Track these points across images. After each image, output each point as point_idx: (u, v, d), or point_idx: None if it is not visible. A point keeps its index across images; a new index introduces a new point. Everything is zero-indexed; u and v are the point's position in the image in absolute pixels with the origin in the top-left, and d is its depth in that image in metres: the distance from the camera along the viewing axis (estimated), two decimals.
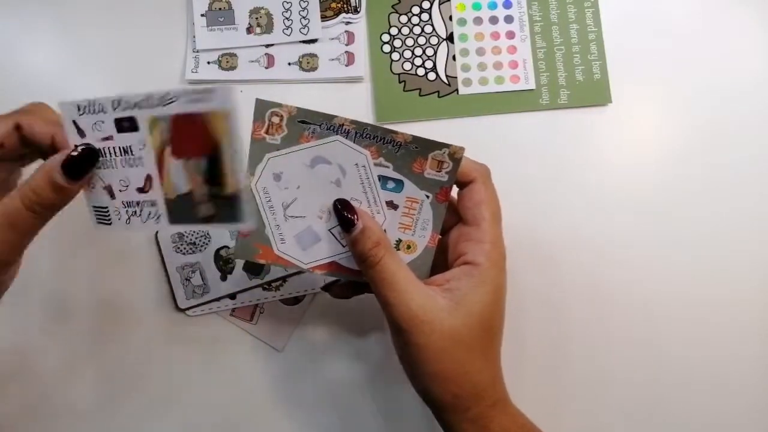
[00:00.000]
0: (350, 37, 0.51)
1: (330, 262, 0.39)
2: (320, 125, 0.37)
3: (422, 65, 0.51)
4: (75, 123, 0.34)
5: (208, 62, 0.50)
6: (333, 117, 0.36)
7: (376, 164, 0.37)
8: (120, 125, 0.34)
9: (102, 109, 0.34)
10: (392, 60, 0.51)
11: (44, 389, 0.47)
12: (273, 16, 0.51)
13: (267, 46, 0.50)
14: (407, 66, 0.51)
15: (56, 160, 0.33)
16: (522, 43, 0.51)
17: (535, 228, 0.49)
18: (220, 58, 0.50)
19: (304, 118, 0.37)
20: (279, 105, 0.36)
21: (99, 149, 0.34)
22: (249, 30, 0.50)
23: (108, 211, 0.36)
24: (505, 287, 0.38)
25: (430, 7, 0.51)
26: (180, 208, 0.34)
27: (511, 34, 0.51)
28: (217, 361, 0.47)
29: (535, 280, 0.48)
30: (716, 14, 0.52)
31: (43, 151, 0.36)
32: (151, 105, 0.32)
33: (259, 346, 0.48)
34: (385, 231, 0.38)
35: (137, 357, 0.47)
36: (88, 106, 0.34)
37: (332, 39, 0.51)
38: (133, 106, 0.33)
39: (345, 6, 0.51)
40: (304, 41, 0.51)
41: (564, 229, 0.49)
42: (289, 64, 0.50)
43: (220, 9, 0.50)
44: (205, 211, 0.33)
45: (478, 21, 0.51)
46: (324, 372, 0.48)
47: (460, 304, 0.36)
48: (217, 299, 0.47)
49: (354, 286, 0.42)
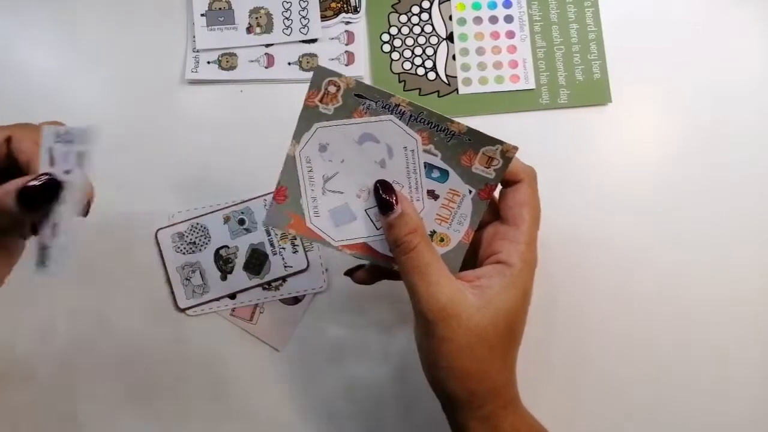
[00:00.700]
0: (350, 37, 0.51)
1: (361, 243, 0.38)
2: (376, 102, 0.36)
3: (422, 65, 0.51)
4: (50, 150, 0.33)
5: (208, 62, 0.50)
6: (390, 95, 0.35)
7: (425, 151, 0.36)
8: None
9: (71, 139, 0.33)
10: (392, 60, 0.51)
11: (42, 390, 0.47)
12: (273, 15, 0.51)
13: (267, 45, 0.50)
14: (407, 65, 0.51)
15: (13, 184, 0.31)
16: (522, 43, 0.51)
17: None
18: (220, 58, 0.50)
19: (361, 92, 0.36)
20: (338, 75, 0.35)
21: (61, 182, 0.32)
22: (249, 30, 0.50)
23: (46, 253, 0.33)
24: (532, 293, 0.38)
25: (430, 7, 0.51)
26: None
27: (510, 34, 0.51)
28: (217, 361, 0.47)
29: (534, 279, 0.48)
30: (716, 14, 0.52)
31: (22, 170, 0.34)
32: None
33: (258, 346, 0.48)
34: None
35: (137, 357, 0.47)
36: (64, 135, 0.33)
37: (332, 39, 0.51)
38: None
39: (345, 6, 0.51)
40: (304, 41, 0.51)
41: (564, 229, 0.49)
42: (289, 63, 0.50)
43: (220, 9, 0.50)
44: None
45: (477, 20, 0.51)
46: (323, 372, 0.48)
47: (490, 302, 0.35)
48: (217, 299, 0.47)
49: (378, 272, 0.41)
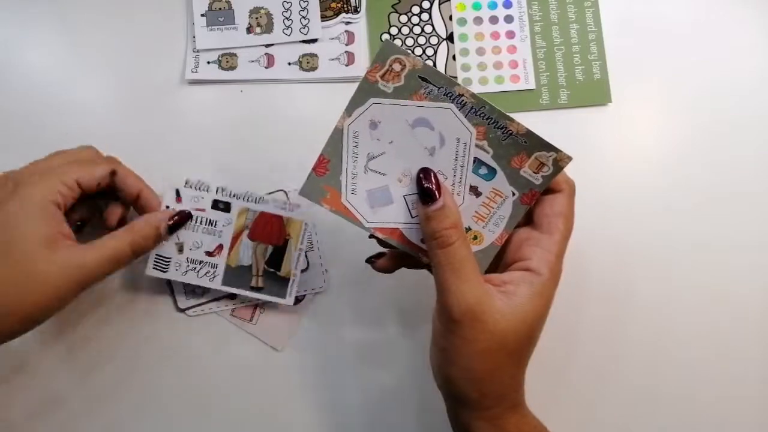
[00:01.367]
0: (350, 37, 0.51)
1: (394, 229, 0.37)
2: (439, 88, 0.35)
3: None
4: (177, 190, 0.44)
5: (208, 62, 0.50)
6: (455, 84, 0.35)
7: (477, 146, 0.36)
8: (216, 204, 0.45)
9: (206, 189, 0.45)
10: None
11: (41, 390, 0.46)
12: (273, 16, 0.51)
13: (267, 45, 0.50)
14: None
15: (163, 217, 0.43)
16: (522, 43, 0.51)
17: None
18: (220, 58, 0.50)
19: (426, 75, 0.35)
20: (406, 53, 0.35)
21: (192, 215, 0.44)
22: (249, 30, 0.50)
23: (169, 261, 0.44)
24: (552, 301, 0.37)
25: (430, 7, 0.51)
26: (235, 275, 0.45)
27: (511, 34, 0.51)
28: (217, 362, 0.47)
29: None
30: (716, 14, 0.52)
31: (125, 200, 0.43)
32: (247, 200, 0.45)
33: (258, 347, 0.47)
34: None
35: (136, 356, 0.47)
36: (196, 184, 0.45)
37: (332, 39, 0.51)
38: (232, 196, 0.45)
39: (345, 6, 0.51)
40: (304, 41, 0.50)
41: None
42: (289, 63, 0.50)
43: (220, 9, 0.50)
44: (256, 283, 0.45)
45: (478, 21, 0.51)
46: (323, 372, 0.48)
47: (516, 310, 0.35)
48: (217, 299, 0.47)
49: (400, 260, 0.41)
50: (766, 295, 0.49)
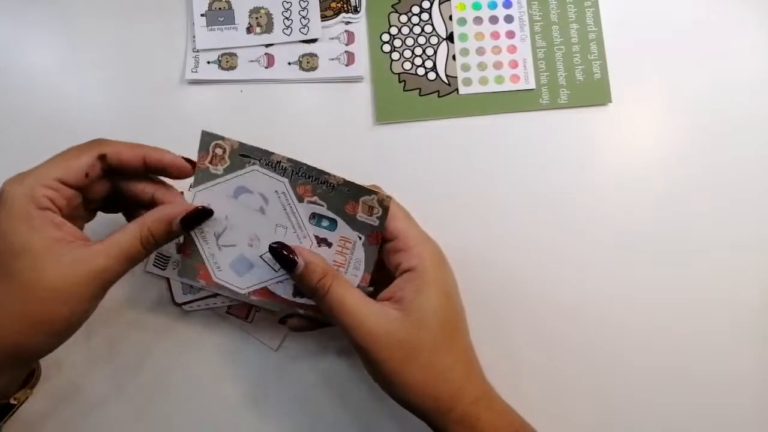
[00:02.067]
0: (350, 37, 0.51)
1: (264, 288, 0.40)
2: (260, 160, 0.38)
3: (422, 65, 0.51)
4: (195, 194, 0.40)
5: (208, 62, 0.50)
6: (271, 153, 0.38)
7: (310, 202, 0.38)
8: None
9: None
10: (392, 60, 0.51)
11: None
12: (273, 15, 0.51)
13: (267, 45, 0.50)
14: (407, 66, 0.51)
15: (175, 211, 0.37)
16: (522, 43, 0.51)
17: (535, 227, 0.49)
18: (220, 58, 0.50)
19: (245, 152, 0.38)
20: (222, 138, 0.38)
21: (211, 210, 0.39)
22: (249, 30, 0.50)
23: (168, 261, 0.45)
24: (451, 278, 0.39)
25: (430, 7, 0.51)
26: None
27: (511, 34, 0.51)
28: (212, 358, 0.47)
29: (533, 278, 0.48)
30: (717, 14, 0.52)
31: (134, 173, 0.38)
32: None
33: (254, 345, 0.47)
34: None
35: (133, 350, 0.47)
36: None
37: (332, 39, 0.51)
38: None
39: (345, 6, 0.51)
40: (304, 41, 0.51)
41: (563, 229, 0.49)
42: (289, 63, 0.50)
43: (220, 9, 0.50)
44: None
45: (478, 21, 0.51)
46: (318, 371, 0.47)
47: (410, 309, 0.36)
48: (214, 295, 0.47)
49: (315, 319, 0.42)
50: (766, 295, 0.49)
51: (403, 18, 0.51)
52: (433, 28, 0.51)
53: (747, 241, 0.49)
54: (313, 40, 0.51)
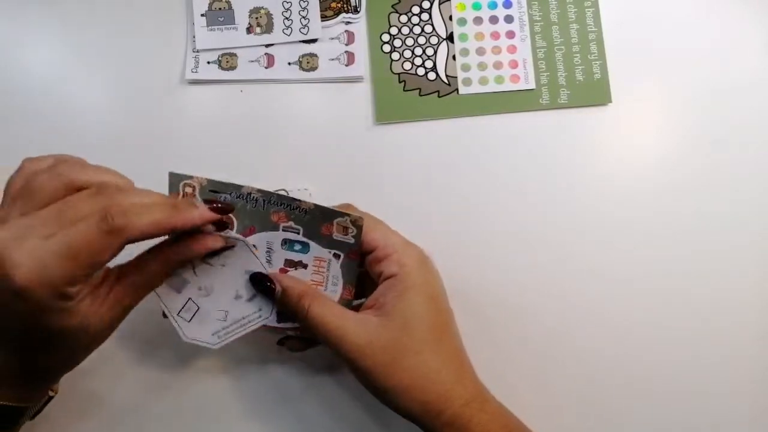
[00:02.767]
0: (350, 37, 0.51)
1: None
2: (230, 194, 0.38)
3: (422, 65, 0.51)
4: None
5: (208, 62, 0.50)
6: (241, 186, 0.38)
7: (286, 228, 0.39)
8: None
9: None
10: (392, 60, 0.51)
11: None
12: (273, 15, 0.51)
13: (267, 45, 0.50)
14: (407, 66, 0.51)
15: (199, 249, 0.37)
16: (522, 43, 0.51)
17: (535, 227, 0.49)
18: (220, 58, 0.50)
19: (215, 188, 0.38)
20: (190, 177, 0.38)
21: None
22: (249, 30, 0.50)
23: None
24: (436, 281, 0.39)
25: (430, 7, 0.51)
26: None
27: (511, 34, 0.51)
28: (208, 356, 0.47)
29: (532, 278, 0.48)
30: (717, 14, 0.52)
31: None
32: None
33: (251, 344, 0.47)
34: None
35: (129, 346, 0.47)
36: None
37: (332, 39, 0.51)
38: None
39: (345, 6, 0.51)
40: (304, 41, 0.51)
41: (563, 228, 0.49)
42: (289, 63, 0.50)
43: (220, 9, 0.50)
44: None
45: (478, 21, 0.51)
46: (314, 370, 0.47)
47: (392, 315, 0.37)
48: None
49: (306, 339, 0.43)
50: (766, 295, 0.49)
51: (403, 18, 0.51)
52: (433, 28, 0.51)
53: (747, 241, 0.49)
54: (313, 40, 0.51)
